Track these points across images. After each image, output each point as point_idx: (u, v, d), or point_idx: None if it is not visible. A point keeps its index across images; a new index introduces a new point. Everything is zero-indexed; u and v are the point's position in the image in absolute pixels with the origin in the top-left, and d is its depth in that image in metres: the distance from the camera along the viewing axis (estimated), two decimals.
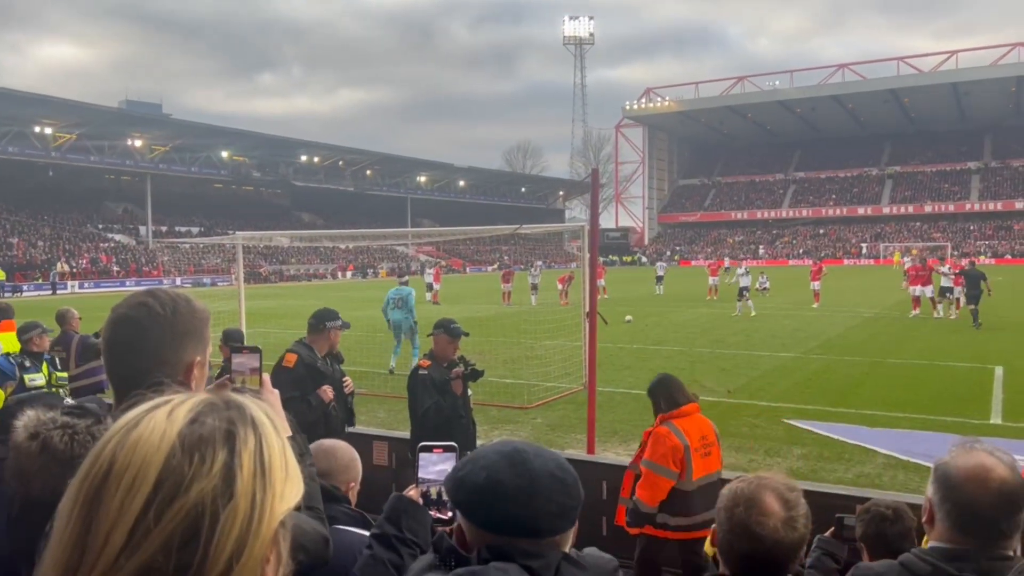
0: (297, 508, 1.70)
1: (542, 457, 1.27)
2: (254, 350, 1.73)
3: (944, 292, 23.18)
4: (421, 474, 1.88)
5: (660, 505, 4.75)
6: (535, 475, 1.23)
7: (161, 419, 0.78)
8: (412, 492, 1.88)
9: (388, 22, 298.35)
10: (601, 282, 33.16)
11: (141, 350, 1.60)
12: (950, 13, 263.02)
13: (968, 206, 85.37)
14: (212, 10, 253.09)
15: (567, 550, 1.27)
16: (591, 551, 1.87)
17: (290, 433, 1.75)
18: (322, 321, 5.64)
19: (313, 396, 5.28)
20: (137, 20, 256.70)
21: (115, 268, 54.34)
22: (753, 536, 1.77)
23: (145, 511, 0.72)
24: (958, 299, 22.60)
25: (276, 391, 1.79)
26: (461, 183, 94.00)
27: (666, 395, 4.96)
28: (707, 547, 2.00)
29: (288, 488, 0.82)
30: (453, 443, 1.86)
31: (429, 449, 1.92)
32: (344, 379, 5.71)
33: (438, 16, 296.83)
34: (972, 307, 20.57)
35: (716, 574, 1.85)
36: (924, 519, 1.89)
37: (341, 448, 2.64)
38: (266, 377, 1.77)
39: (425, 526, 1.79)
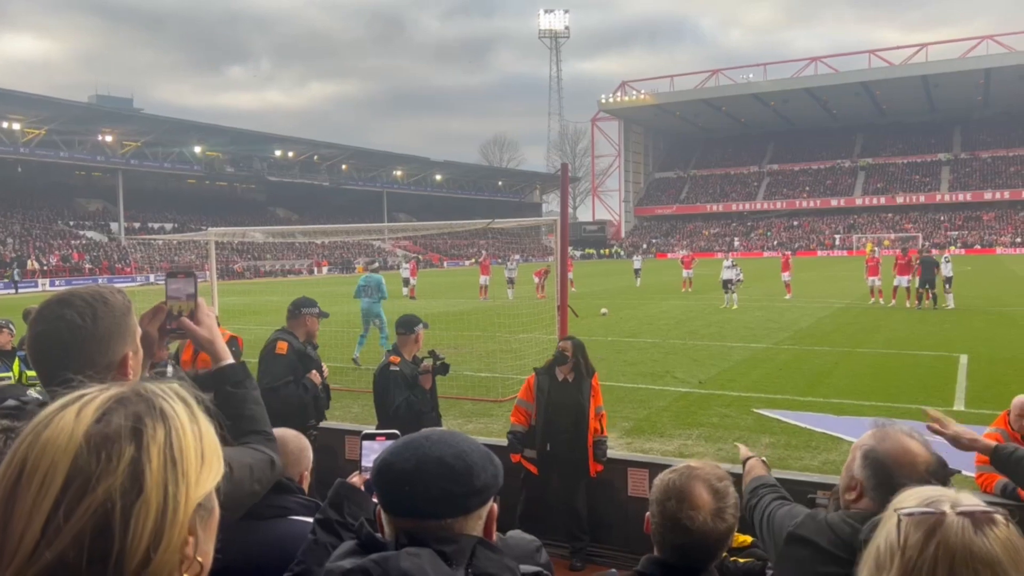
0: (245, 435, 1.76)
1: (442, 444, 1.30)
2: (190, 275, 1.76)
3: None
4: (364, 461, 1.96)
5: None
6: (421, 459, 1.26)
7: (70, 419, 0.80)
8: (355, 479, 1.95)
9: (356, 13, 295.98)
10: (569, 275, 33.22)
11: (69, 362, 1.55)
12: (919, 5, 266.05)
13: (938, 197, 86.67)
14: (176, 1, 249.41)
15: (484, 535, 1.30)
16: (514, 533, 1.94)
17: (228, 360, 1.80)
18: (299, 308, 5.94)
19: (307, 380, 5.68)
20: (100, 11, 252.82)
21: (87, 265, 53.65)
22: (683, 528, 1.83)
23: (55, 510, 0.75)
24: (920, 290, 23.22)
25: (211, 314, 1.81)
26: (438, 177, 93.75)
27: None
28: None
29: (204, 473, 0.85)
30: (396, 431, 1.93)
31: (372, 437, 2.00)
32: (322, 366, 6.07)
33: (407, 8, 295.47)
34: (932, 291, 21.85)
35: (651, 557, 1.93)
36: (852, 497, 1.99)
37: (290, 439, 2.57)
38: (201, 300, 1.79)
39: (367, 511, 1.83)
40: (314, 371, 5.78)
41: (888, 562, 1.06)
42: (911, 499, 1.10)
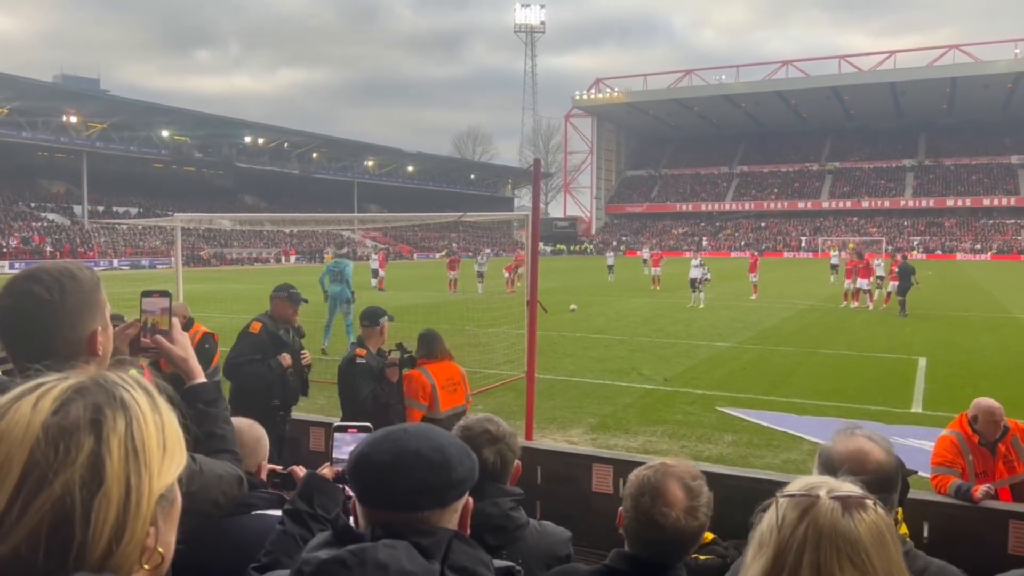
0: (215, 452, 1.78)
1: (420, 437, 1.31)
2: (164, 293, 1.80)
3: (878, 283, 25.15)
4: (335, 453, 1.96)
5: None
6: (399, 451, 1.27)
7: (26, 410, 0.78)
8: (325, 470, 1.95)
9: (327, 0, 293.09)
10: (521, 270, 33.35)
11: (37, 336, 1.56)
12: (889, 12, 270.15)
13: (903, 202, 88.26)
14: None
15: (459, 528, 1.32)
16: (547, 523, 2.00)
17: (201, 379, 1.81)
18: (273, 292, 6.25)
19: (274, 360, 5.84)
20: None
21: (48, 248, 52.56)
22: (656, 525, 1.86)
23: (11, 504, 0.74)
24: (889, 293, 23.63)
25: (185, 334, 1.83)
26: (410, 168, 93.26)
27: (427, 346, 5.79)
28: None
29: (167, 464, 0.84)
30: (368, 424, 1.93)
31: (344, 429, 2.00)
32: (303, 352, 6.26)
33: None
34: (900, 298, 21.85)
35: (620, 551, 1.95)
36: None
37: (245, 429, 2.51)
38: (175, 319, 1.81)
39: (337, 503, 1.85)
40: (285, 354, 5.93)
41: (768, 539, 1.13)
42: (795, 485, 1.19)
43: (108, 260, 52.16)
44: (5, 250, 49.69)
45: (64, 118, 59.72)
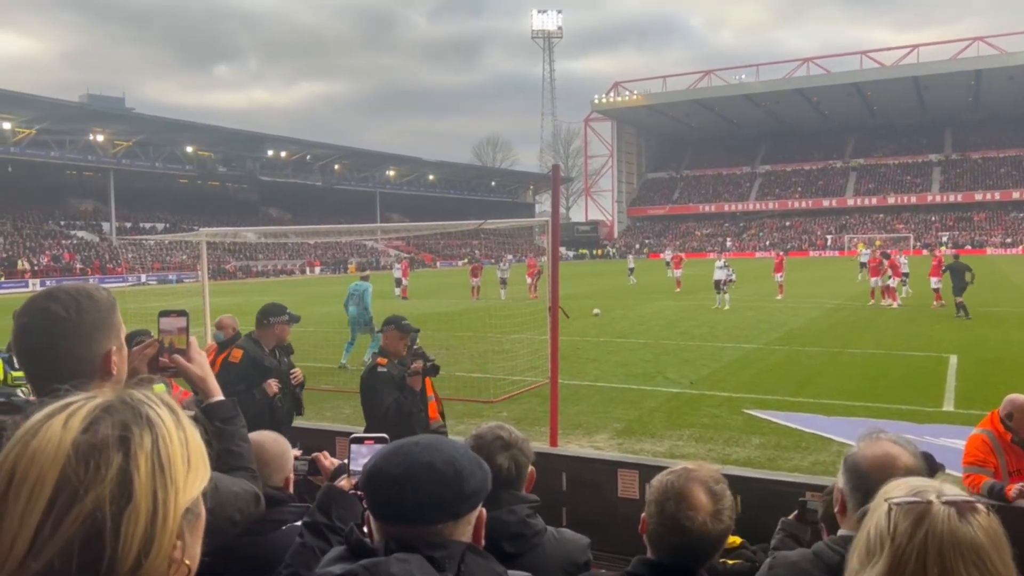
0: (232, 470, 1.80)
1: (432, 450, 1.30)
2: (181, 313, 1.82)
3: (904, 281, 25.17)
4: (352, 465, 1.96)
5: None
6: (411, 464, 1.27)
7: (57, 428, 0.82)
8: (343, 482, 1.95)
9: (343, 11, 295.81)
10: (528, 280, 33.33)
11: (54, 355, 1.59)
12: (909, 5, 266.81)
13: (930, 198, 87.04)
14: None
15: (473, 540, 1.31)
16: (565, 531, 1.99)
17: (219, 397, 1.82)
18: (267, 316, 5.89)
19: (258, 390, 5.56)
20: (82, 8, 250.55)
21: (78, 266, 53.41)
22: (682, 529, 1.85)
23: (44, 520, 0.76)
24: (937, 290, 23.35)
25: (203, 352, 1.86)
26: (431, 177, 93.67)
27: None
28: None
29: (191, 478, 0.86)
30: (385, 435, 1.93)
31: (361, 441, 2.00)
32: (292, 371, 6.00)
33: (394, 6, 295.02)
34: (958, 299, 20.62)
35: (642, 558, 1.94)
36: (836, 509, 1.99)
37: (269, 444, 2.50)
38: (193, 339, 1.83)
39: (355, 514, 1.85)
40: (271, 381, 5.67)
41: (878, 548, 1.10)
42: (899, 488, 1.16)
43: (136, 276, 52.89)
44: (36, 268, 50.55)
45: (91, 137, 60.72)
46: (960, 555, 1.06)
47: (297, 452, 2.57)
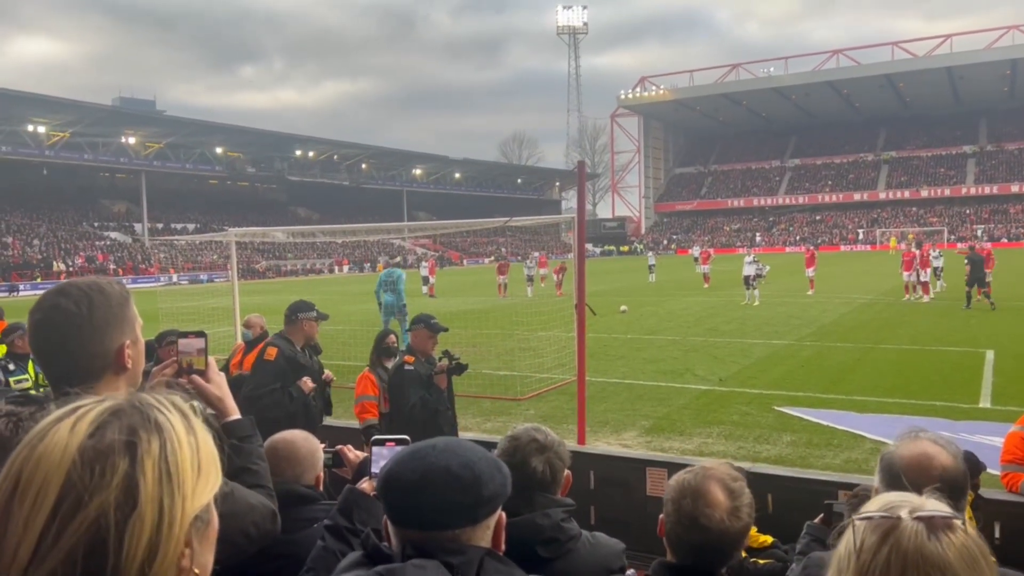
0: (251, 486, 1.78)
1: (449, 454, 1.28)
2: (200, 334, 1.82)
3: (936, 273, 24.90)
4: (373, 468, 1.95)
5: None
6: (427, 469, 1.25)
7: (64, 433, 0.80)
8: (365, 485, 1.94)
9: (366, 11, 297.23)
10: (543, 271, 33.12)
11: (68, 352, 1.60)
12: None
13: (964, 190, 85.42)
14: (186, 1, 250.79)
15: (492, 545, 1.29)
16: (600, 535, 1.95)
17: (236, 416, 1.81)
18: (295, 313, 5.81)
19: (294, 388, 5.49)
20: (109, 11, 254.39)
21: (112, 266, 54.32)
22: (700, 527, 1.82)
23: (48, 526, 0.75)
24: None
25: (221, 373, 1.85)
26: (457, 175, 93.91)
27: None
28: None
29: (201, 486, 0.84)
30: (406, 436, 1.91)
31: (382, 443, 1.98)
32: (323, 371, 6.00)
33: (417, 5, 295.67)
34: (983, 290, 20.60)
35: (663, 561, 1.91)
36: None
37: (300, 443, 2.50)
38: (211, 359, 1.83)
39: (377, 518, 1.82)
40: (306, 378, 5.61)
41: (846, 565, 1.06)
42: (873, 504, 1.12)
43: (168, 275, 53.67)
44: (71, 268, 51.48)
45: (123, 139, 61.75)
46: (926, 574, 1.01)
47: (322, 445, 2.58)
